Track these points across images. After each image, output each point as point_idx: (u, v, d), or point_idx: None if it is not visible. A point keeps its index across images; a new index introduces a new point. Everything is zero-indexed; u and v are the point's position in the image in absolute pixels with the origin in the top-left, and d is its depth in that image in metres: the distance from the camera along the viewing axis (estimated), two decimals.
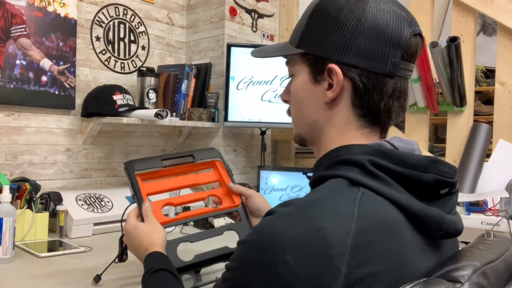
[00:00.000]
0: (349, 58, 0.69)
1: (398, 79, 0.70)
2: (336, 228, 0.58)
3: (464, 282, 0.57)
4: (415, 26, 0.71)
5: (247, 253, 0.61)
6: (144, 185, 1.14)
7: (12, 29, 1.74)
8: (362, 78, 0.69)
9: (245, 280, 0.61)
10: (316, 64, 0.72)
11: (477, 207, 1.76)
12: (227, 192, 1.21)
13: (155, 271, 0.91)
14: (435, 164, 0.65)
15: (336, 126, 0.73)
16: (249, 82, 2.16)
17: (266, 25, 2.49)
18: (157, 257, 0.96)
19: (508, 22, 2.01)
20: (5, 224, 1.30)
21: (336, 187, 0.64)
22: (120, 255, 1.12)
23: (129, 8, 2.17)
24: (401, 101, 0.72)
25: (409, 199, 0.63)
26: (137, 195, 1.11)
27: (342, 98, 0.71)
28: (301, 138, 0.80)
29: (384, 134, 0.74)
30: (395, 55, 0.68)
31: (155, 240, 0.99)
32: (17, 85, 1.76)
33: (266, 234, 0.60)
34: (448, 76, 2.04)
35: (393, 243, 0.60)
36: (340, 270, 0.56)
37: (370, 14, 0.68)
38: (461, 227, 0.67)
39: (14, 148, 1.78)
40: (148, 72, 2.04)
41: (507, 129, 2.03)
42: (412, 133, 2.26)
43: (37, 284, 1.15)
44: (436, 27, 3.38)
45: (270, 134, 2.51)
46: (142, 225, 1.03)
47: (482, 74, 2.97)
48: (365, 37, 0.68)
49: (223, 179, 1.23)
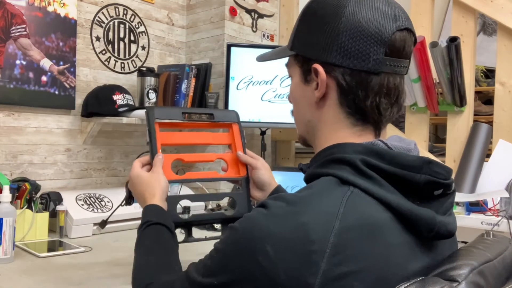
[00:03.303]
0: (332, 58, 0.70)
1: (384, 75, 0.70)
2: (319, 225, 0.59)
3: (460, 281, 0.57)
4: (402, 21, 0.70)
5: (233, 237, 0.64)
6: (160, 134, 1.14)
7: (12, 29, 1.75)
8: (345, 77, 0.69)
9: (226, 261, 0.64)
10: (305, 65, 0.74)
11: (477, 207, 1.75)
12: (236, 158, 1.20)
13: (151, 224, 0.94)
14: (428, 165, 0.65)
15: (328, 125, 0.74)
16: (249, 82, 2.16)
17: (266, 25, 2.49)
18: (155, 210, 0.98)
19: (508, 22, 2.01)
20: (5, 224, 1.30)
21: (326, 185, 0.65)
22: (127, 199, 1.16)
23: (129, 8, 2.17)
24: (391, 97, 0.71)
25: (399, 200, 0.63)
26: (152, 142, 1.11)
27: (329, 97, 0.72)
28: (303, 138, 0.81)
29: (379, 132, 0.73)
30: (377, 52, 0.68)
31: (155, 191, 1.02)
32: (17, 85, 1.76)
33: (253, 224, 0.62)
34: (448, 76, 2.04)
35: (377, 243, 0.60)
36: (319, 266, 0.57)
37: (350, 12, 0.68)
38: (454, 229, 0.67)
39: (14, 148, 1.79)
40: (148, 72, 2.04)
41: (507, 129, 2.03)
42: (412, 133, 2.26)
43: (37, 284, 1.15)
44: (436, 27, 3.38)
45: (270, 134, 2.51)
46: (145, 174, 1.05)
47: (482, 74, 2.96)
48: (346, 35, 0.68)
49: (235, 145, 1.22)
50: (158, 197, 1.01)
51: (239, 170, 1.20)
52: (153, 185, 1.03)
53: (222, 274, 0.63)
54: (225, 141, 1.24)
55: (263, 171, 1.17)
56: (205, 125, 1.26)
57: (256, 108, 2.16)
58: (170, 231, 0.96)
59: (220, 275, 0.64)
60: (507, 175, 1.88)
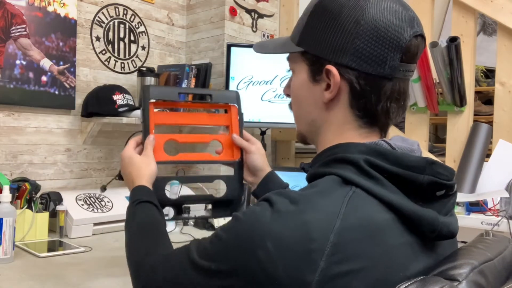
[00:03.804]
0: (347, 60, 0.68)
1: (396, 81, 0.69)
2: (320, 224, 0.59)
3: (461, 280, 0.57)
4: (417, 26, 0.70)
5: (236, 229, 0.64)
6: (155, 114, 1.12)
7: (12, 29, 1.75)
8: (359, 80, 0.68)
9: (225, 251, 0.64)
10: (315, 64, 0.72)
11: (477, 207, 1.75)
12: (231, 141, 1.17)
13: (140, 202, 0.96)
14: (431, 166, 0.65)
15: (334, 126, 0.73)
16: (249, 82, 2.16)
17: (266, 25, 2.49)
18: (143, 190, 1.00)
19: (508, 22, 2.01)
20: (5, 224, 1.30)
21: (329, 184, 0.64)
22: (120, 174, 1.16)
23: (129, 8, 2.17)
24: (400, 102, 0.71)
25: (402, 200, 0.63)
26: (145, 122, 1.10)
27: (340, 99, 0.71)
28: (302, 136, 0.80)
29: (384, 134, 0.73)
30: (393, 58, 0.67)
31: (143, 173, 1.03)
32: (17, 85, 1.76)
33: (256, 219, 0.62)
34: (448, 76, 2.04)
35: (378, 243, 0.60)
36: (318, 264, 0.57)
37: (369, 16, 0.67)
38: (455, 229, 0.67)
39: (14, 148, 1.79)
40: (148, 72, 2.04)
41: (507, 129, 2.03)
42: (412, 133, 2.26)
43: (37, 284, 1.15)
44: (436, 27, 3.38)
45: (270, 134, 2.51)
46: (136, 157, 1.06)
47: (482, 74, 2.96)
48: (364, 39, 0.67)
49: (232, 127, 1.18)
50: (145, 179, 1.02)
51: (233, 153, 1.17)
52: (143, 168, 1.03)
53: (220, 262, 0.64)
54: (222, 122, 1.20)
55: (256, 156, 1.15)
56: (202, 105, 1.24)
57: (256, 108, 2.16)
58: (159, 209, 0.97)
59: (218, 262, 0.64)
60: (507, 175, 1.88)
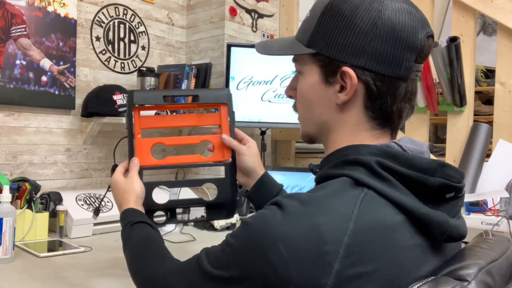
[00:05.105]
0: (364, 62, 0.67)
1: (410, 81, 0.70)
2: (333, 226, 0.58)
3: (470, 280, 0.58)
4: (428, 27, 0.70)
5: (246, 234, 0.63)
6: (141, 119, 1.11)
7: (12, 29, 1.74)
8: (376, 82, 0.68)
9: (237, 257, 0.63)
10: (329, 66, 0.71)
11: (477, 207, 1.76)
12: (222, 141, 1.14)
13: (132, 224, 0.96)
14: (442, 168, 0.65)
15: (347, 127, 0.72)
16: (249, 82, 2.16)
17: (266, 25, 2.49)
18: (133, 212, 1.00)
19: (508, 22, 2.01)
20: (5, 224, 1.30)
21: (340, 186, 0.64)
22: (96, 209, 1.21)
23: (129, 8, 2.16)
24: (411, 102, 0.72)
25: (414, 202, 0.63)
26: (129, 128, 1.10)
27: (355, 100, 0.70)
28: (309, 136, 0.79)
29: (395, 135, 0.74)
30: (409, 59, 0.67)
31: (129, 197, 1.03)
32: (17, 85, 1.76)
33: (266, 223, 0.61)
34: (448, 76, 2.04)
35: (390, 245, 0.60)
36: (332, 267, 0.56)
37: (386, 17, 0.66)
38: (465, 232, 0.67)
39: (14, 148, 1.78)
40: (148, 72, 2.04)
41: (507, 129, 2.03)
42: (412, 133, 2.26)
43: (37, 284, 1.15)
44: (436, 27, 3.38)
45: (270, 134, 2.51)
46: (120, 181, 1.07)
47: (482, 74, 2.97)
48: (381, 40, 0.67)
49: (222, 127, 1.15)
50: (132, 202, 1.02)
51: (224, 154, 1.13)
52: (128, 191, 1.04)
53: (233, 269, 0.63)
54: (212, 122, 1.16)
55: (248, 157, 1.12)
56: (190, 106, 1.22)
57: (256, 108, 2.16)
58: (152, 227, 0.97)
59: (231, 270, 0.63)
60: (507, 175, 1.88)
